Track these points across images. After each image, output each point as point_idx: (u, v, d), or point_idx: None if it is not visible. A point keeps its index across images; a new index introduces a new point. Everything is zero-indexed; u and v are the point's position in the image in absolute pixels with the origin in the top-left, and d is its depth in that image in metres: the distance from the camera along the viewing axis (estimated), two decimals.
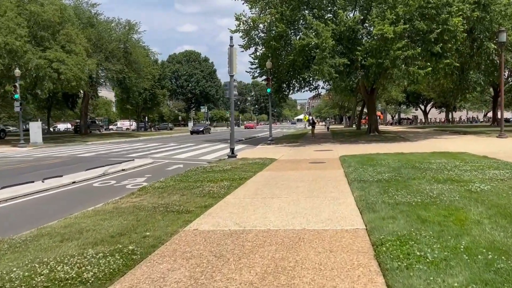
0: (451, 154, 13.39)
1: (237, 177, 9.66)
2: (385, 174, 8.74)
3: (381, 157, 13.10)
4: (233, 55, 14.95)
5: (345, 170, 10.34)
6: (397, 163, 10.82)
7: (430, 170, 9.05)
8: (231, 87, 15.13)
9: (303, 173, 10.34)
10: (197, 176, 10.27)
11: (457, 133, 30.12)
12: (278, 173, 10.55)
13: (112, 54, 40.56)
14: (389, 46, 21.13)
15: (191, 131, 50.13)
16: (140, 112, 62.54)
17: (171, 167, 14.54)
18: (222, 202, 6.86)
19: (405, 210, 5.34)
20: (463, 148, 16.12)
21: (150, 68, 47.52)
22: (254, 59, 27.55)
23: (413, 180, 7.82)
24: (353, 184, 7.92)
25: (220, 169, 11.64)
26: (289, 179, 9.41)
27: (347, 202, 6.45)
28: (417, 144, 20.01)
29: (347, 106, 68.28)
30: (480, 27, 23.87)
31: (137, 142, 33.21)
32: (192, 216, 5.89)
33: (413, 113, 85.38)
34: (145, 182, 10.91)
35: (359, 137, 27.19)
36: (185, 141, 31.28)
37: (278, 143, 24.99)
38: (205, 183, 8.93)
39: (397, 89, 48.22)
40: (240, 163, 13.08)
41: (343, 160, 12.73)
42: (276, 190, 7.88)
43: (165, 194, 7.88)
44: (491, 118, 73.31)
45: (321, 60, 21.38)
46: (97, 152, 22.73)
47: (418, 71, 21.27)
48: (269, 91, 25.57)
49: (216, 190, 7.95)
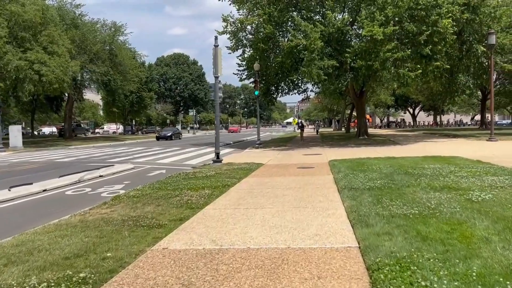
0: (444, 158, 12.92)
1: (220, 184, 9.02)
2: (377, 181, 8.19)
3: (372, 162, 12.58)
4: (217, 56, 14.33)
5: (335, 176, 9.77)
6: (389, 169, 10.29)
7: (424, 176, 8.52)
8: (216, 89, 14.50)
9: (290, 180, 9.75)
10: (177, 183, 9.61)
11: (447, 136, 29.88)
12: (264, 180, 9.93)
13: (96, 56, 39.61)
14: (378, 48, 20.73)
15: (157, 137, 43.48)
16: (126, 115, 61.45)
17: (152, 173, 13.85)
18: (200, 214, 6.22)
19: (402, 224, 4.76)
20: (454, 152, 15.69)
21: (137, 71, 46.57)
22: (242, 61, 27.01)
23: (408, 188, 7.27)
24: (344, 192, 7.34)
25: (203, 175, 11.00)
26: (275, 186, 8.80)
27: (337, 213, 5.86)
28: (407, 148, 19.59)
29: (336, 109, 68.09)
30: (469, 30, 23.61)
31: (122, 146, 32.33)
32: (163, 231, 5.23)
33: (401, 116, 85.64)
34: (123, 189, 10.22)
35: (349, 141, 26.74)
36: (171, 145, 30.51)
37: (266, 147, 24.41)
38: (184, 192, 8.27)
39: (386, 92, 48.05)
40: (225, 169, 12.44)
41: (333, 165, 12.18)
42: (260, 199, 7.26)
43: (139, 204, 7.21)
44: (478, 121, 73.93)
45: (310, 62, 20.89)
46: (77, 157, 21.87)
47: (408, 74, 20.90)
48: (257, 94, 25.02)
49: (195, 200, 7.30)
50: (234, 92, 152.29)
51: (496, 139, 22.89)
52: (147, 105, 61.57)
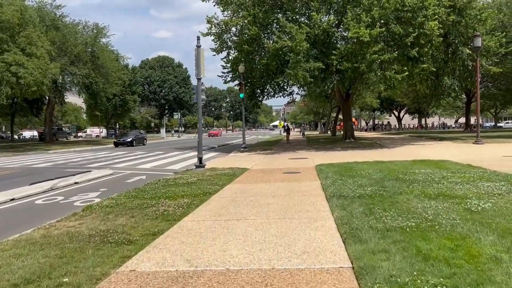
0: (433, 162, 12.58)
1: (201, 192, 8.46)
2: (367, 188, 7.73)
3: (360, 166, 12.16)
4: (200, 57, 13.78)
5: (322, 182, 9.29)
6: (378, 174, 9.87)
7: (416, 183, 8.10)
8: (199, 91, 13.94)
9: (276, 186, 9.24)
10: (155, 190, 9.02)
11: (433, 139, 29.80)
12: (248, 186, 9.41)
13: (78, 58, 38.52)
14: (365, 50, 20.45)
15: (115, 143, 37.00)
16: (109, 119, 60.24)
17: (132, 179, 13.21)
18: (176, 227, 5.66)
19: (399, 239, 4.28)
20: (443, 155, 15.42)
21: (120, 73, 45.57)
22: (226, 63, 26.48)
23: (400, 196, 6.82)
24: (332, 200, 6.86)
25: (184, 181, 10.42)
26: (259, 193, 8.28)
27: (327, 225, 5.37)
28: (395, 151, 19.29)
29: (322, 112, 67.98)
30: (455, 32, 23.55)
31: (104, 150, 31.43)
32: (133, 248, 4.66)
33: (386, 119, 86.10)
34: (98, 197, 9.59)
35: (335, 144, 26.39)
36: (154, 149, 29.76)
37: (252, 151, 23.89)
38: (162, 201, 7.70)
39: (371, 95, 48.05)
40: (207, 174, 11.88)
41: (320, 170, 11.72)
42: (243, 209, 6.73)
43: (112, 216, 6.61)
44: (462, 124, 74.70)
45: (295, 64, 20.48)
46: (55, 162, 21.00)
47: (394, 76, 20.66)
48: (242, 96, 24.52)
49: (172, 210, 6.74)
50: (220, 95, 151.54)
51: (483, 142, 22.81)
52: (131, 108, 60.45)
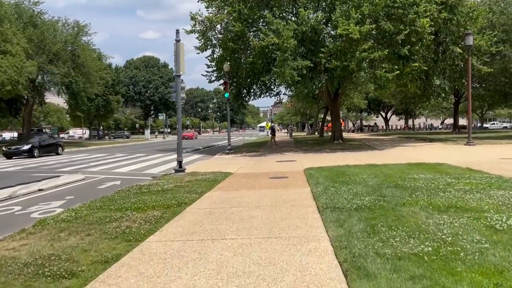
0: (430, 166, 11.74)
1: (175, 202, 7.42)
2: (364, 197, 6.78)
3: (352, 170, 11.25)
4: (179, 52, 12.73)
5: (313, 189, 8.33)
6: (374, 180, 8.95)
7: (419, 191, 7.18)
8: (178, 89, 12.87)
9: (261, 194, 8.25)
10: (124, 200, 7.95)
11: (423, 140, 29.17)
12: (230, 195, 8.39)
13: (56, 57, 37.01)
14: (354, 48, 19.64)
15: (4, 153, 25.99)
16: (92, 120, 58.54)
17: (105, 185, 12.07)
18: (136, 251, 4.61)
19: (417, 274, 3.32)
20: (437, 158, 14.62)
21: (102, 73, 44.08)
22: (211, 61, 25.45)
23: (404, 208, 5.89)
24: (326, 213, 5.89)
25: (159, 189, 9.35)
26: (242, 203, 7.28)
27: (321, 248, 4.39)
28: (386, 154, 18.48)
29: (309, 113, 67.29)
30: (446, 30, 22.91)
31: (83, 152, 30.05)
32: (73, 285, 3.62)
33: (373, 120, 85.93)
34: (61, 207, 8.48)
35: (323, 145, 25.54)
36: (136, 151, 28.52)
37: (238, 153, 22.89)
38: (128, 213, 6.63)
39: (359, 95, 47.47)
40: (186, 180, 10.83)
41: (309, 175, 10.77)
42: (222, 224, 5.71)
43: (64, 234, 5.53)
44: (449, 125, 74.80)
45: (282, 62, 19.58)
46: (25, 165, 19.64)
47: (385, 75, 19.89)
48: (227, 96, 23.54)
49: (137, 227, 5.68)
50: (207, 96, 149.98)
51: (474, 143, 22.24)
52: (114, 109, 58.80)
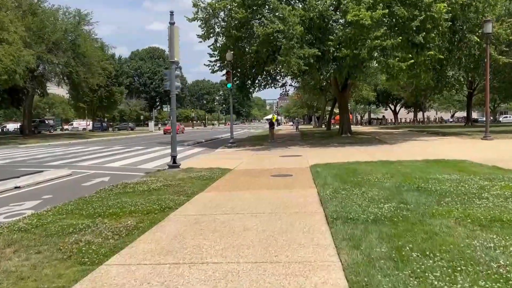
0: (451, 163, 10.51)
1: (158, 207, 6.30)
2: (383, 204, 5.61)
3: (364, 168, 10.06)
4: (174, 36, 11.55)
5: (320, 191, 7.17)
6: (391, 180, 7.76)
7: (448, 196, 5.99)
8: (172, 77, 11.72)
9: (260, 197, 7.11)
10: (102, 202, 6.86)
11: (435, 134, 27.81)
12: (224, 197, 7.26)
13: (56, 46, 36.00)
14: (365, 35, 18.35)
15: None
16: (95, 111, 57.63)
17: (91, 182, 10.99)
18: (86, 282, 3.49)
19: None
20: (456, 154, 13.37)
21: (103, 63, 43.06)
22: (214, 50, 24.25)
23: (435, 220, 4.72)
24: (336, 226, 4.74)
25: (146, 188, 8.25)
26: (236, 209, 6.15)
27: (331, 282, 3.24)
28: (399, 148, 17.23)
29: (316, 105, 65.86)
30: (463, 17, 21.45)
31: (81, 144, 29.08)
32: None
33: (382, 113, 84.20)
34: (33, 209, 7.42)
35: (331, 139, 24.32)
36: (136, 144, 27.49)
37: (240, 146, 21.77)
38: (99, 221, 5.53)
39: (368, 87, 46.03)
40: (179, 178, 9.73)
41: (316, 173, 9.60)
42: (206, 239, 4.58)
43: (10, 250, 4.46)
44: (460, 119, 72.98)
45: (288, 51, 18.37)
46: (16, 158, 18.63)
47: (398, 64, 18.55)
48: (229, 86, 22.30)
49: (100, 242, 4.56)
50: (213, 88, 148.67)
51: (492, 137, 20.90)
52: (117, 100, 57.83)
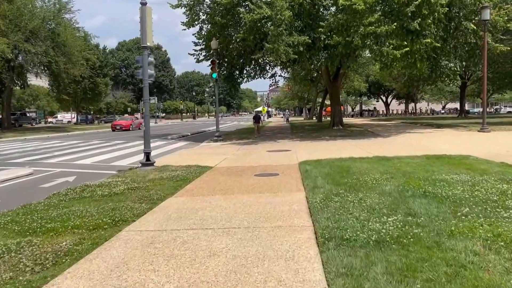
0: (455, 160, 9.45)
1: (109, 220, 5.11)
2: (386, 218, 4.49)
3: (359, 165, 8.95)
4: (146, 18, 10.27)
5: (309, 197, 6.02)
6: (391, 182, 6.64)
7: (464, 205, 4.89)
8: (145, 63, 10.44)
9: (237, 203, 5.96)
10: (47, 212, 5.66)
11: (430, 126, 26.88)
12: (195, 204, 6.09)
13: (34, 35, 34.24)
14: (358, 21, 17.21)
15: None
16: (79, 103, 55.75)
17: (53, 182, 9.73)
18: None
19: None
20: (457, 148, 12.36)
21: (85, 53, 41.31)
22: (199, 39, 22.95)
23: (455, 241, 3.61)
24: (329, 252, 3.60)
25: (106, 192, 7.05)
26: (206, 221, 4.99)
27: None
28: (394, 142, 16.19)
29: (307, 97, 64.71)
30: (459, 4, 20.39)
31: (60, 138, 27.62)
32: None
33: (373, 105, 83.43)
34: None
35: (322, 132, 23.22)
36: (116, 138, 26.12)
37: (227, 140, 20.59)
38: (25, 243, 4.33)
39: (359, 78, 44.98)
40: (149, 178, 8.54)
41: (306, 172, 8.47)
42: (156, 273, 3.42)
43: None
44: (451, 110, 72.36)
45: (276, 38, 17.18)
46: None
47: (392, 52, 17.45)
48: (214, 76, 21.00)
49: (5, 281, 3.39)
50: (203, 79, 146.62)
51: (489, 129, 20.04)
52: (102, 92, 55.98)
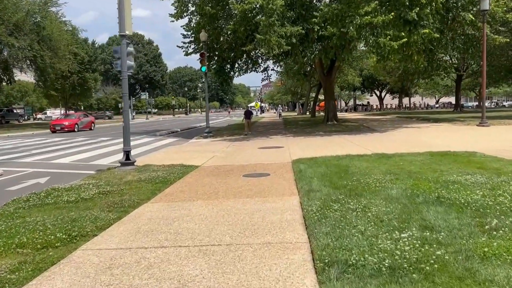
0: (462, 157, 8.69)
1: (64, 236, 4.25)
2: (398, 233, 3.68)
3: (358, 164, 8.15)
4: (124, 3, 9.36)
5: (304, 203, 5.21)
6: (397, 185, 5.84)
7: (489, 213, 4.10)
8: (123, 54, 9.53)
9: (220, 212, 5.13)
10: None
11: (426, 120, 26.19)
12: (171, 212, 5.25)
13: (18, 28, 33.02)
14: (353, 11, 16.39)
15: None
16: (67, 99, 54.43)
17: (22, 184, 8.83)
18: None
19: None
20: (459, 143, 11.63)
21: (72, 47, 40.10)
22: (187, 31, 22.01)
23: (491, 267, 2.79)
24: (331, 284, 2.78)
25: (73, 197, 6.18)
26: (179, 237, 4.15)
27: None
28: (391, 137, 15.44)
29: (300, 92, 63.88)
30: None
31: (45, 135, 26.55)
32: None
33: (367, 99, 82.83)
34: None
35: (316, 127, 22.42)
36: (103, 134, 25.14)
37: (218, 136, 19.74)
38: None
39: (353, 72, 44.24)
40: (127, 180, 7.68)
41: (299, 172, 7.66)
42: None
43: None
44: (445, 104, 72.00)
45: (268, 28, 16.31)
46: None
47: (389, 43, 16.66)
48: (204, 70, 20.13)
49: None
50: (195, 75, 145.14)
51: (488, 124, 19.37)
52: (91, 88, 54.72)
